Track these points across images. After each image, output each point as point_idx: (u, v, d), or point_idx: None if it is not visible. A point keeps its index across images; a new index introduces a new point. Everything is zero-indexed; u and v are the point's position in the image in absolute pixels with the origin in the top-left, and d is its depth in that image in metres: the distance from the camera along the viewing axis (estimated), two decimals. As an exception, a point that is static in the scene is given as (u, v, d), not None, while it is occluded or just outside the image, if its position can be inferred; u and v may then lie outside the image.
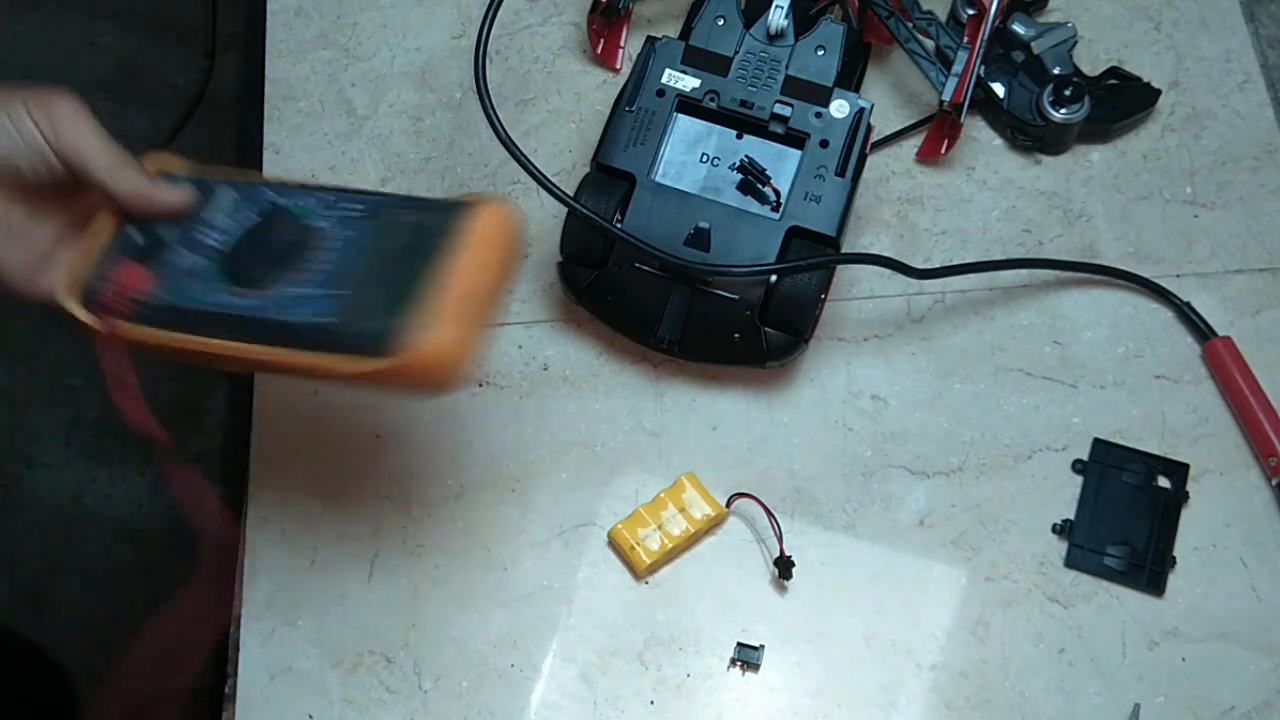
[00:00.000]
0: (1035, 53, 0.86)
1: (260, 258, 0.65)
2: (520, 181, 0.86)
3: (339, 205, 0.66)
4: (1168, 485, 0.77)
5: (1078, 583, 0.75)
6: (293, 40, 0.93)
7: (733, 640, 0.74)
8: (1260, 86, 0.88)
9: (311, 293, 0.63)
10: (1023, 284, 0.83)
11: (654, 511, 0.76)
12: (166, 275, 0.65)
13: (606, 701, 0.73)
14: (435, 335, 0.59)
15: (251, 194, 0.68)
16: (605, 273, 0.78)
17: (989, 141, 0.87)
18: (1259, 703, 0.72)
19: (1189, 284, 0.82)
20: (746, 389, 0.81)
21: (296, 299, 0.63)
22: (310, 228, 0.65)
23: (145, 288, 0.64)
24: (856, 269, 0.83)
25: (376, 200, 0.66)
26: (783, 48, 0.79)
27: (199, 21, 1.79)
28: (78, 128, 0.62)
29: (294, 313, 0.62)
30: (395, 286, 0.60)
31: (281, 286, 0.64)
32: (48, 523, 1.59)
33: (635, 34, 0.90)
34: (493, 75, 0.87)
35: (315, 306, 0.62)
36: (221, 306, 0.63)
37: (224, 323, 0.63)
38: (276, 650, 0.75)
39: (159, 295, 0.64)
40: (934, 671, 0.74)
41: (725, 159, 0.79)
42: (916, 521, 0.77)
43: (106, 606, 1.55)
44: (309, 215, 0.66)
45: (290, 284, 0.63)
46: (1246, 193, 0.85)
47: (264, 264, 0.64)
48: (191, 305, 0.64)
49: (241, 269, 0.65)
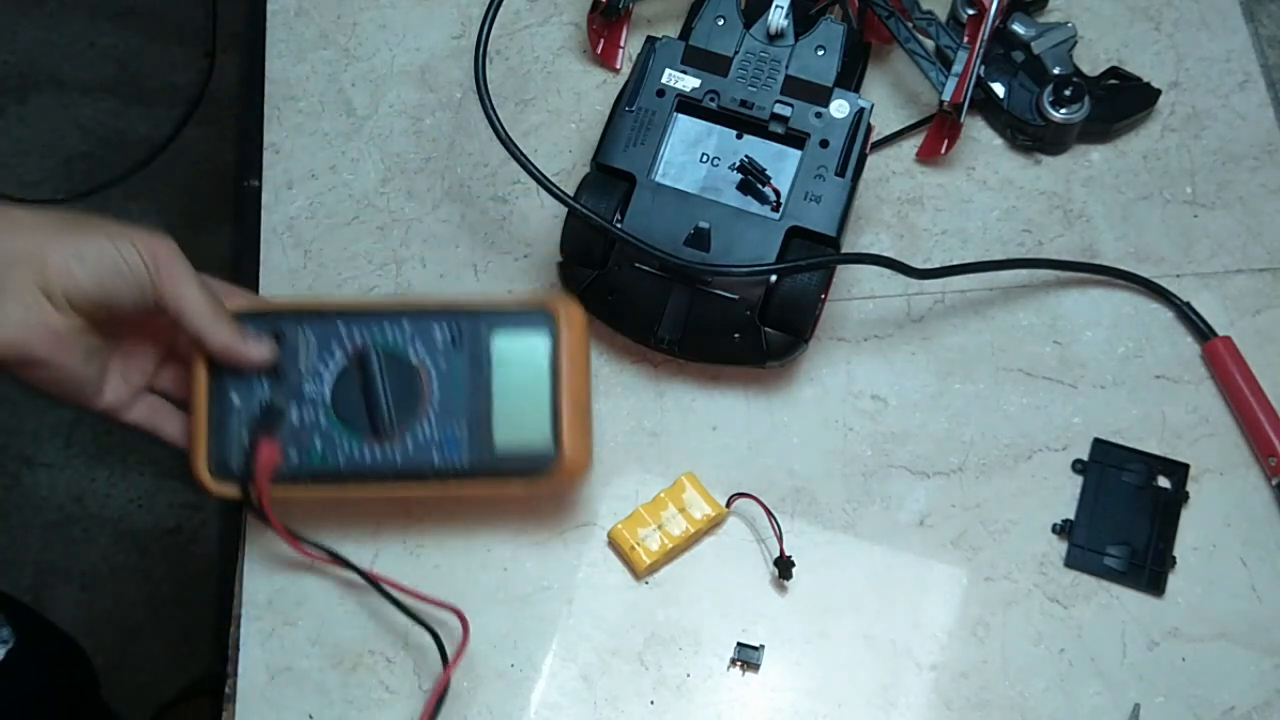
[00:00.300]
0: (1035, 53, 0.86)
1: (373, 404, 0.70)
2: (520, 181, 0.86)
3: (419, 334, 0.71)
4: (1168, 485, 0.77)
5: (1078, 583, 0.75)
6: (293, 40, 0.93)
7: (733, 640, 0.74)
8: (1260, 86, 0.88)
9: (439, 430, 0.70)
10: (1023, 284, 0.83)
11: (654, 511, 0.76)
12: (293, 438, 0.70)
13: (606, 701, 0.73)
14: (572, 448, 0.69)
15: (324, 331, 0.71)
16: (605, 273, 0.78)
17: (989, 141, 0.87)
18: (1259, 703, 0.72)
19: (1189, 284, 0.82)
20: (746, 389, 0.81)
21: (429, 440, 0.70)
22: (410, 367, 0.70)
23: (278, 458, 0.70)
24: (856, 269, 0.83)
25: (452, 320, 0.71)
26: (783, 48, 0.79)
27: (199, 21, 1.79)
28: (179, 275, 0.66)
29: (438, 453, 0.69)
30: (519, 413, 0.69)
31: (410, 429, 0.70)
32: (48, 523, 1.59)
33: (635, 34, 0.90)
34: (493, 75, 0.87)
35: (450, 442, 0.70)
36: (365, 462, 0.70)
37: (374, 473, 0.70)
38: (276, 650, 0.75)
39: (295, 460, 0.70)
40: (934, 671, 0.74)
41: (725, 159, 0.79)
42: (916, 521, 0.77)
43: (106, 606, 1.55)
44: (397, 352, 0.71)
45: (415, 425, 0.70)
46: (1246, 193, 0.85)
47: (381, 411, 0.70)
48: (333, 466, 0.70)
49: (365, 418, 0.70)
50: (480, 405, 0.69)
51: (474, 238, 0.86)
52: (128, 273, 0.64)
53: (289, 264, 0.85)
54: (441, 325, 0.70)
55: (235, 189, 1.66)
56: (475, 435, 0.69)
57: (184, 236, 0.66)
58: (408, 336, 0.70)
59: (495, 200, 0.87)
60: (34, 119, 1.78)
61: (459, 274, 0.84)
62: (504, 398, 0.69)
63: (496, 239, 0.85)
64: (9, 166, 1.75)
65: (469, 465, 0.70)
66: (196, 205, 1.71)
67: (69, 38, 1.81)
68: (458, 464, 0.69)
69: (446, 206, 0.87)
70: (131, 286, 0.65)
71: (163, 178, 1.72)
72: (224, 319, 0.69)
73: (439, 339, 0.70)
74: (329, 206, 0.87)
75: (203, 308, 0.67)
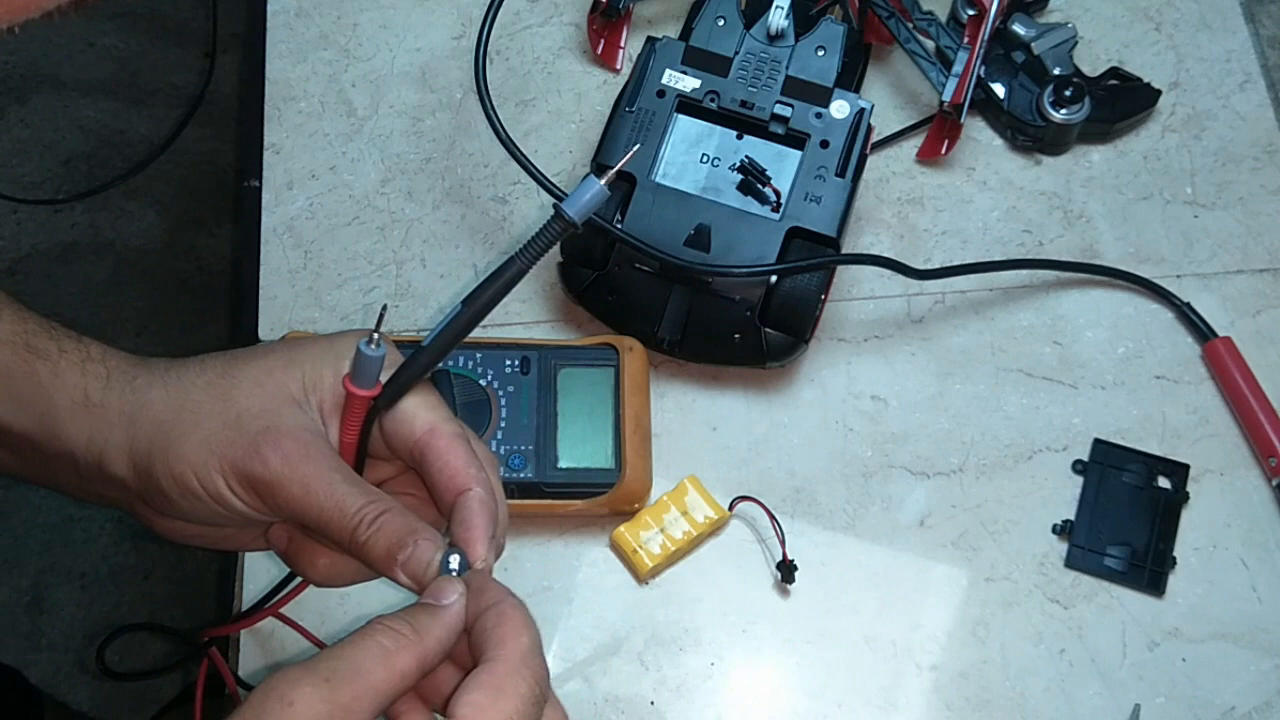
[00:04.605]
0: (1035, 53, 0.86)
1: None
2: (520, 182, 0.86)
3: (490, 362, 0.76)
4: (1168, 486, 0.77)
5: (1078, 583, 0.75)
6: (293, 40, 0.93)
7: (733, 640, 0.74)
8: (1260, 86, 0.88)
9: (504, 448, 0.74)
10: (1023, 284, 0.83)
11: (656, 514, 0.76)
12: None
13: (606, 701, 0.73)
14: (633, 469, 0.74)
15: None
16: (605, 273, 0.78)
17: (989, 142, 0.87)
18: (1259, 703, 0.72)
19: (1189, 284, 0.82)
20: (746, 389, 0.81)
21: (498, 457, 0.73)
22: (480, 389, 0.75)
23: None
24: (856, 269, 0.83)
25: (522, 353, 0.76)
26: (783, 48, 0.79)
27: (199, 21, 1.79)
28: (306, 491, 0.51)
29: (504, 469, 0.73)
30: (583, 436, 0.75)
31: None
32: (48, 523, 1.59)
33: (635, 34, 0.90)
34: (493, 76, 0.86)
35: (516, 460, 0.74)
36: None
37: None
38: (276, 650, 0.75)
39: None
40: (934, 672, 0.74)
41: (725, 159, 0.79)
42: (917, 522, 0.77)
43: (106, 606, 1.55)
44: (469, 375, 0.75)
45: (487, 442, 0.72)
46: (1247, 193, 0.85)
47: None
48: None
49: None
50: (546, 428, 0.75)
51: (474, 238, 0.86)
52: (218, 510, 0.53)
53: (289, 264, 0.85)
54: (512, 356, 0.76)
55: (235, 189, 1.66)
56: (540, 455, 0.74)
57: (184, 236, 0.65)
58: (479, 362, 0.75)
59: (495, 200, 0.87)
60: (34, 119, 1.77)
61: (459, 274, 0.84)
62: (569, 422, 0.75)
63: (496, 239, 0.85)
64: (9, 166, 1.75)
65: (533, 482, 0.74)
66: (196, 205, 1.71)
67: (69, 38, 1.81)
68: (522, 481, 0.74)
69: (447, 207, 0.87)
70: (236, 521, 0.54)
71: (163, 178, 1.72)
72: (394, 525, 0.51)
73: (508, 367, 0.76)
74: (329, 207, 0.87)
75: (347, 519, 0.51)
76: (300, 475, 0.50)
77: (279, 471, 0.50)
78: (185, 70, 1.78)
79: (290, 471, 0.50)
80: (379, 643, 0.47)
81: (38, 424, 0.54)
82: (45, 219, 1.71)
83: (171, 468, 0.52)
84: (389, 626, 0.47)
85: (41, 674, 1.48)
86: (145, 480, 0.53)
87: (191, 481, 0.52)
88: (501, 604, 0.49)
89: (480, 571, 0.51)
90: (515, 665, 0.47)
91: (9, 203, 1.68)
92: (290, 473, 0.50)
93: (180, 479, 0.52)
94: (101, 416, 0.54)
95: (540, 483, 0.74)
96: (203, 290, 1.65)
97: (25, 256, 1.69)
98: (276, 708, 0.44)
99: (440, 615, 0.48)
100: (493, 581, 0.50)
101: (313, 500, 0.50)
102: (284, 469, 0.50)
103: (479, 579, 0.50)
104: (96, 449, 0.54)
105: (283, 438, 0.51)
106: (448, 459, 0.52)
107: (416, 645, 0.47)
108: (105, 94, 1.79)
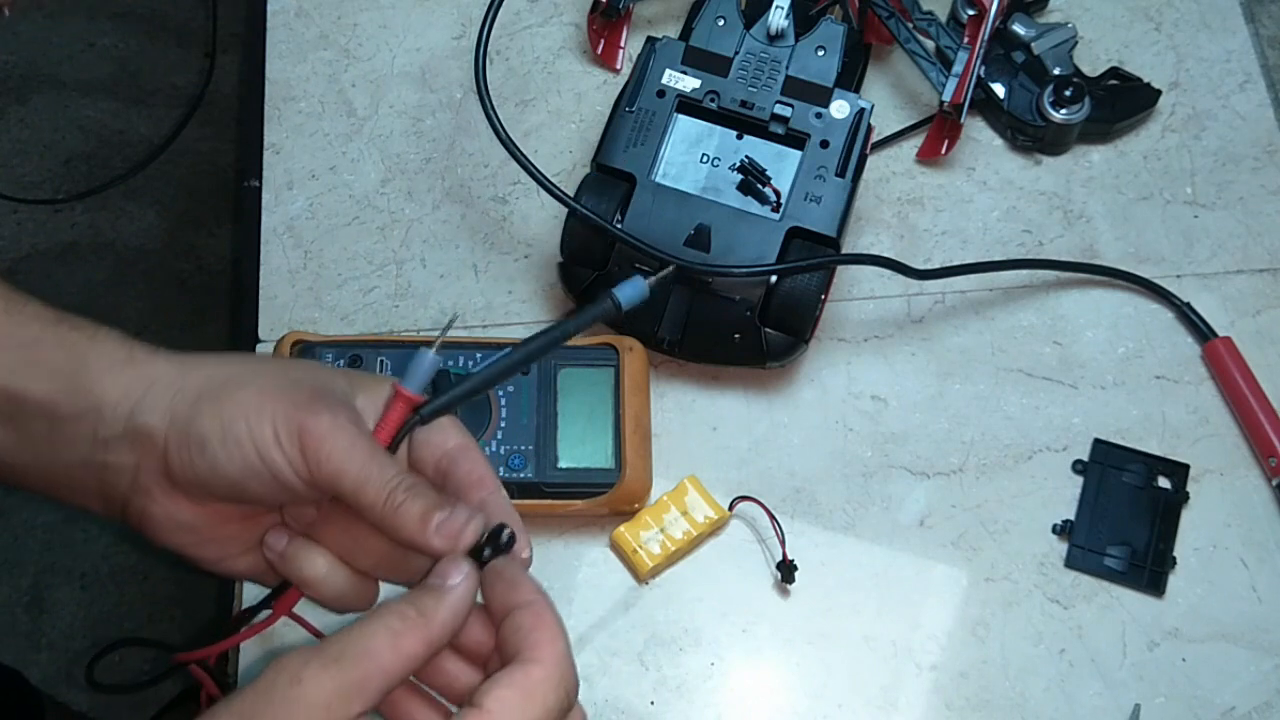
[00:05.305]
0: (1035, 53, 0.86)
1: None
2: (520, 182, 0.86)
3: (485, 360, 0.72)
4: (1168, 485, 0.77)
5: (1078, 583, 0.75)
6: (293, 40, 0.93)
7: (733, 640, 0.74)
8: (1260, 86, 0.88)
9: (504, 448, 0.74)
10: (1023, 284, 0.83)
11: (656, 514, 0.76)
12: None
13: (606, 701, 0.73)
14: (633, 469, 0.74)
15: (400, 358, 0.76)
16: (605, 273, 0.78)
17: (989, 142, 0.87)
18: (1259, 703, 0.72)
19: (1189, 284, 0.82)
20: (746, 389, 0.81)
21: (495, 456, 0.73)
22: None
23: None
24: (856, 269, 0.83)
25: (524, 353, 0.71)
26: (783, 48, 0.79)
27: (199, 21, 1.79)
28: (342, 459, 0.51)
29: (503, 469, 0.73)
30: (583, 437, 0.75)
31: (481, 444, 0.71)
32: (48, 523, 1.59)
33: (635, 34, 0.90)
34: (493, 75, 0.86)
35: (516, 460, 0.74)
36: None
37: None
38: (278, 650, 0.75)
39: None
40: (934, 672, 0.74)
41: (725, 159, 0.79)
42: (917, 522, 0.77)
43: (106, 606, 1.55)
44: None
45: (481, 443, 0.71)
46: (1246, 193, 0.85)
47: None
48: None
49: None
50: (546, 428, 0.75)
51: (474, 238, 0.86)
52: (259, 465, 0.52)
53: (289, 264, 0.85)
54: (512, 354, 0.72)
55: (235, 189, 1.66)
56: (540, 455, 0.74)
57: (184, 236, 0.65)
58: (479, 362, 0.75)
59: (495, 201, 0.87)
60: (34, 119, 1.77)
61: (459, 274, 0.84)
62: (569, 423, 0.75)
63: (497, 239, 0.85)
64: (9, 166, 1.75)
65: (533, 482, 0.74)
66: (196, 205, 1.71)
67: (69, 38, 1.81)
68: (522, 481, 0.74)
69: (446, 207, 0.87)
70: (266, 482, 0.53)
71: (163, 178, 1.72)
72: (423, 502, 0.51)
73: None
74: (329, 207, 0.87)
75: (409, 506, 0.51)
76: (348, 435, 0.52)
77: (329, 427, 0.51)
78: (185, 70, 1.78)
79: (339, 431, 0.52)
80: (387, 625, 0.47)
81: (65, 384, 0.54)
82: (45, 219, 1.71)
83: (223, 411, 0.53)
84: (396, 610, 0.48)
85: (41, 674, 1.48)
86: (184, 427, 0.53)
87: (240, 425, 0.52)
88: (536, 603, 0.49)
89: (518, 562, 0.52)
90: (551, 672, 0.47)
91: (9, 203, 1.68)
92: (339, 431, 0.52)
93: (229, 423, 0.52)
94: (146, 371, 0.54)
95: (540, 483, 0.74)
96: (203, 290, 1.65)
97: (25, 256, 1.69)
98: (285, 686, 0.45)
99: (446, 598, 0.49)
100: (528, 576, 0.51)
101: (356, 459, 0.51)
102: (333, 427, 0.52)
103: (514, 570, 0.51)
104: (132, 398, 0.54)
105: (335, 403, 0.53)
106: (474, 467, 0.54)
107: (424, 628, 0.48)
108: (105, 94, 1.79)
